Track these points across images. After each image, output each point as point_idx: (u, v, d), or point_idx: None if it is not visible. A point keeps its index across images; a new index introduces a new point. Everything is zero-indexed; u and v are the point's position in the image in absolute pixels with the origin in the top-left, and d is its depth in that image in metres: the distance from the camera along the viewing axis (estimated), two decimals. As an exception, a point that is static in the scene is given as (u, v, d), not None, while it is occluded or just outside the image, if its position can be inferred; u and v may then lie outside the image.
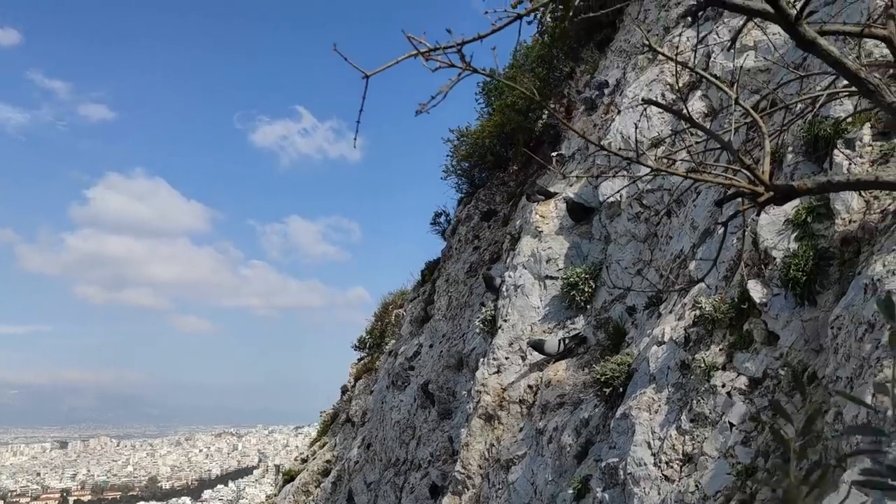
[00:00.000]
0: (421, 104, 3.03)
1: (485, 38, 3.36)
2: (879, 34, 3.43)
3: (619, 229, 9.51)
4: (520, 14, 3.39)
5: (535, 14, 15.85)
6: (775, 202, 3.32)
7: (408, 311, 20.22)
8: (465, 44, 3.13)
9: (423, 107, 3.03)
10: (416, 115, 3.07)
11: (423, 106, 3.02)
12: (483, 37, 3.35)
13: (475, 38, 3.29)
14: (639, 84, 10.17)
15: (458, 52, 2.92)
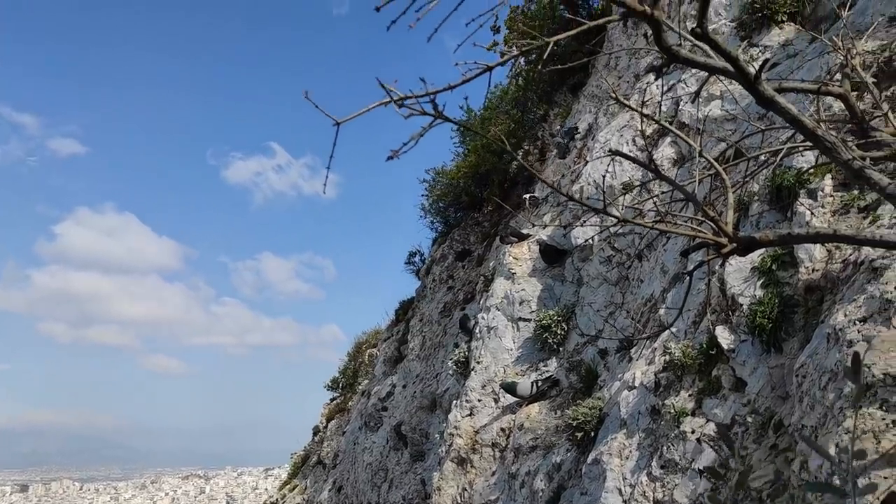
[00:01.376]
0: (392, 151, 3.07)
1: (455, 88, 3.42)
2: (835, 92, 3.55)
3: (591, 272, 9.59)
4: (489, 66, 3.46)
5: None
6: (738, 253, 3.38)
7: (381, 350, 20.09)
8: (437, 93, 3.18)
9: (395, 153, 3.06)
10: (388, 160, 3.10)
11: (394, 152, 3.05)
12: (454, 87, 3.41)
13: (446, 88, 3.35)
14: (610, 129, 10.37)
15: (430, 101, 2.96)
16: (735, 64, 3.11)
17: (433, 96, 2.95)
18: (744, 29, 8.62)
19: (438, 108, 2.96)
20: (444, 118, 2.98)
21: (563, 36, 3.49)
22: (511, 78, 17.37)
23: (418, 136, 2.97)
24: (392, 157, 2.97)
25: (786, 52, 7.79)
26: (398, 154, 2.95)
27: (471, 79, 3.45)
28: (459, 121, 3.34)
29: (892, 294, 3.87)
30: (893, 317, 3.80)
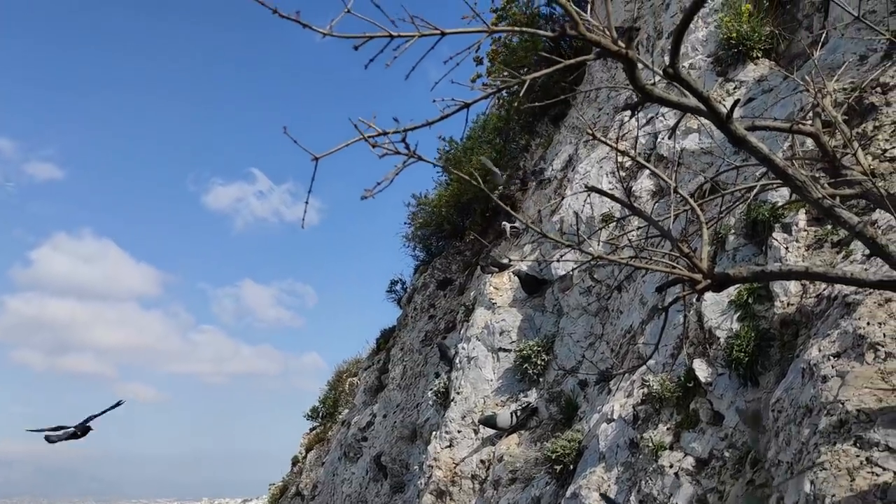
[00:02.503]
0: (367, 190, 3.07)
1: (433, 125, 3.44)
2: (807, 131, 3.61)
3: (571, 303, 9.60)
4: (466, 103, 3.48)
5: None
6: (713, 289, 3.41)
7: (362, 379, 19.93)
8: (413, 129, 3.20)
9: (369, 192, 3.06)
10: (362, 199, 3.10)
11: (368, 191, 3.05)
12: (431, 123, 3.42)
13: (423, 125, 3.36)
14: (590, 161, 10.46)
15: (402, 140, 2.98)
16: (707, 103, 3.16)
17: (404, 135, 2.96)
18: (720, 64, 8.77)
19: (411, 147, 2.97)
20: (417, 157, 3.00)
21: (539, 74, 3.53)
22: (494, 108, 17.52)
23: (393, 175, 2.98)
24: (366, 197, 2.97)
25: (761, 88, 7.93)
26: (373, 193, 2.95)
27: (448, 115, 3.47)
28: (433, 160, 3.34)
29: (864, 330, 3.90)
30: (867, 352, 3.83)
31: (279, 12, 2.90)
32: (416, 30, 3.07)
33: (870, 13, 6.46)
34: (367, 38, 3.01)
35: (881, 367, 3.69)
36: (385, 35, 3.01)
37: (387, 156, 3.08)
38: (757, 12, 8.48)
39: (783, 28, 8.28)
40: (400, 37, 3.04)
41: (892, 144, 4.93)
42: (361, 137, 3.01)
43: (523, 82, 3.52)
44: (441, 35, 3.13)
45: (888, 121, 5.08)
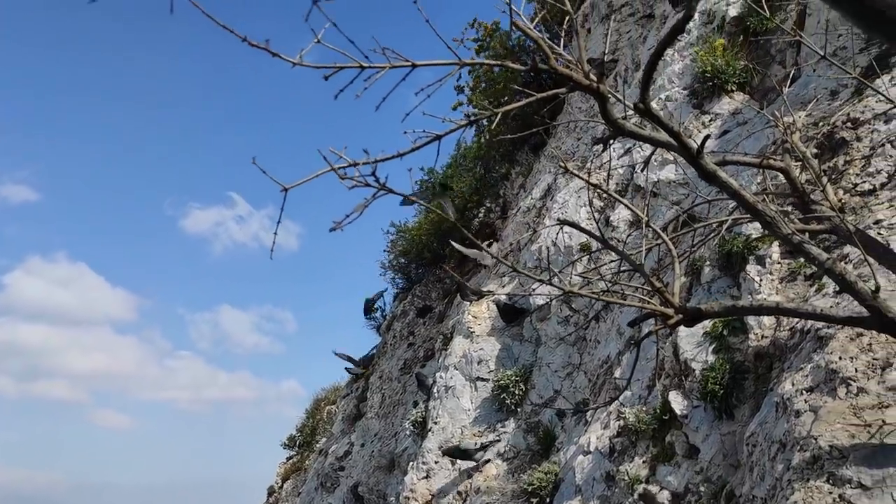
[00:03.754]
0: (335, 221, 3.03)
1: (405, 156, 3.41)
2: (776, 166, 3.63)
3: (549, 332, 9.57)
4: (438, 135, 3.47)
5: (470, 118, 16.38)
6: (685, 324, 3.39)
7: (340, 407, 19.70)
8: (381, 161, 3.17)
9: (338, 224, 3.02)
10: (331, 231, 3.06)
11: (337, 224, 3.01)
12: (402, 154, 3.40)
13: (394, 156, 3.34)
14: (569, 190, 10.51)
15: (372, 172, 2.95)
16: (678, 138, 3.16)
17: (374, 167, 2.93)
18: (696, 97, 8.88)
19: (381, 180, 2.94)
20: (387, 190, 2.97)
21: (511, 107, 3.53)
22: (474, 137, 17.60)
23: (362, 207, 2.95)
24: (335, 229, 2.93)
25: (736, 121, 8.02)
26: (341, 225, 2.92)
27: (419, 147, 3.45)
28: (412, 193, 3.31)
29: (836, 364, 3.90)
30: (839, 387, 3.82)
31: (249, 41, 2.88)
32: (388, 61, 3.06)
33: (840, 49, 6.58)
34: (338, 69, 2.99)
35: (853, 402, 3.67)
36: (356, 66, 2.99)
37: (356, 188, 3.05)
38: (731, 47, 8.61)
39: (757, 62, 8.42)
40: (371, 67, 3.03)
41: (863, 179, 4.99)
42: (331, 169, 2.98)
43: (496, 115, 3.51)
44: (412, 67, 3.12)
45: (858, 155, 5.14)
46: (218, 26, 2.80)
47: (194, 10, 2.61)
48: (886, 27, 1.60)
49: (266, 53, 2.97)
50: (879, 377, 3.67)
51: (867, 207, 4.85)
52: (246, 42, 2.87)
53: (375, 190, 3.04)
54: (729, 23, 8.95)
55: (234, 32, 2.80)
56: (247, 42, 2.87)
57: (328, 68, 2.98)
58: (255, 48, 2.92)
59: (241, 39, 2.83)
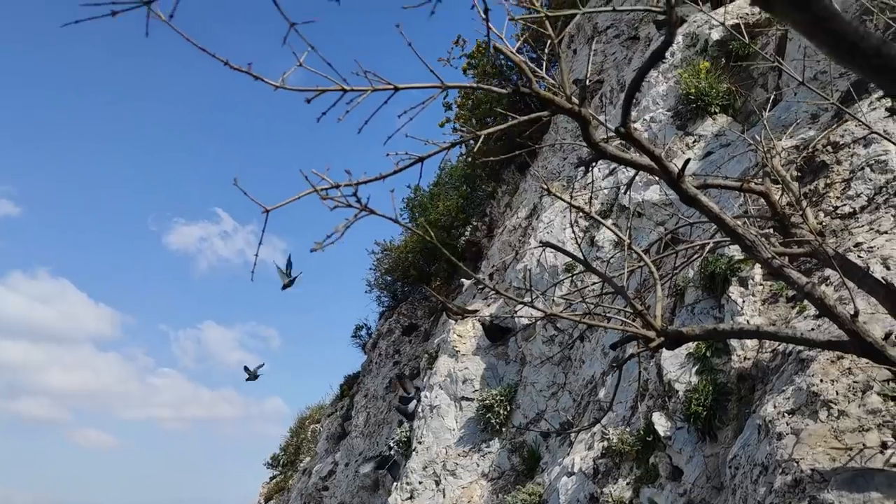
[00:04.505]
0: (316, 242, 3.02)
1: (387, 178, 3.41)
2: (757, 189, 3.66)
3: (534, 352, 9.56)
4: (421, 157, 3.48)
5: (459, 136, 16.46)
6: (666, 347, 3.39)
7: (325, 426, 19.56)
8: (364, 183, 3.17)
9: (319, 245, 3.01)
10: (312, 251, 3.04)
11: (318, 244, 3.00)
12: (385, 176, 3.40)
13: (378, 178, 3.34)
14: (554, 210, 10.54)
15: (353, 193, 2.94)
16: (659, 162, 3.18)
17: (356, 188, 2.93)
18: (680, 118, 8.96)
19: (363, 201, 2.94)
20: (369, 211, 2.96)
21: (493, 130, 3.53)
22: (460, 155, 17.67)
23: (343, 228, 2.94)
24: (316, 250, 2.92)
25: (719, 143, 8.10)
26: (322, 247, 2.91)
27: (402, 169, 3.45)
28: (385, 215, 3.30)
29: (818, 387, 3.91)
30: (820, 410, 3.83)
31: (230, 64, 2.88)
32: (370, 84, 3.07)
33: (821, 73, 6.67)
34: (320, 92, 2.99)
35: (834, 425, 3.68)
36: (338, 89, 3.00)
37: (338, 209, 3.04)
38: (714, 70, 8.72)
39: (740, 85, 8.52)
40: (353, 91, 3.04)
41: (843, 202, 5.04)
42: (313, 190, 2.97)
43: (478, 137, 3.52)
44: (394, 90, 3.13)
45: (839, 179, 5.19)
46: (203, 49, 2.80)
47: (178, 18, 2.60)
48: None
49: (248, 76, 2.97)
50: (860, 400, 3.68)
51: (847, 230, 4.90)
52: (228, 65, 2.86)
53: (357, 211, 3.04)
54: (712, 46, 9.07)
55: (215, 56, 2.79)
56: (228, 65, 2.86)
57: (310, 91, 2.98)
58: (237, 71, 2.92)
59: (223, 63, 2.82)
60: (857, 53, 1.58)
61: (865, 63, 1.59)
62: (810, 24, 1.64)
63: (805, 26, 1.66)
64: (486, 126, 15.73)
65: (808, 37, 1.67)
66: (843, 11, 5.45)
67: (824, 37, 1.62)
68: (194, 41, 2.78)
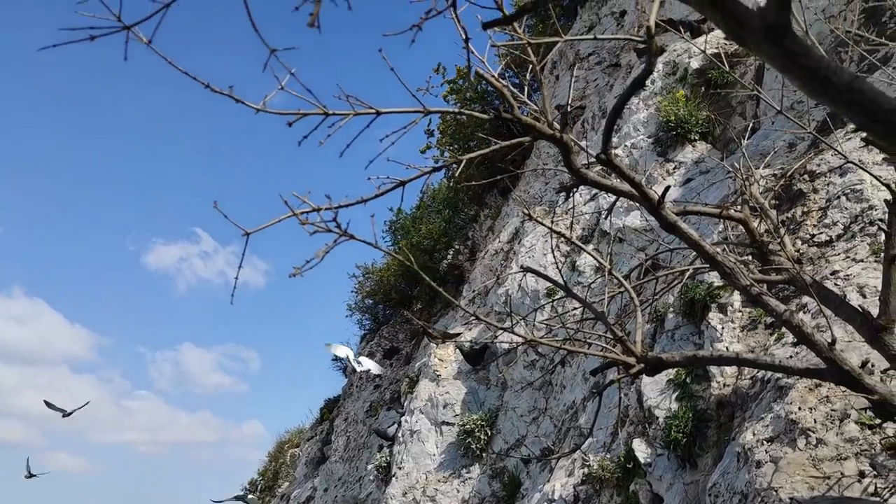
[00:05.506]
0: (295, 268, 3.00)
1: (368, 202, 3.41)
2: (735, 217, 3.69)
3: (515, 376, 9.54)
4: (402, 181, 3.47)
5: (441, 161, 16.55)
6: (646, 373, 3.39)
7: (304, 451, 19.32)
8: (344, 207, 3.16)
9: (298, 270, 2.99)
10: (291, 276, 3.02)
11: (297, 270, 2.98)
12: (366, 200, 3.39)
13: (359, 201, 3.33)
14: (536, 234, 10.58)
15: (333, 218, 2.93)
16: (639, 189, 3.20)
17: (336, 212, 2.92)
18: (660, 145, 9.06)
19: (342, 226, 2.93)
20: (349, 236, 2.95)
21: (475, 155, 3.54)
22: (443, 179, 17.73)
23: (323, 253, 2.92)
24: (295, 275, 2.89)
25: (699, 169, 8.19)
26: (301, 271, 2.88)
27: (383, 193, 3.45)
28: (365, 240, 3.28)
29: (796, 415, 3.92)
30: (798, 438, 3.84)
31: (211, 87, 2.87)
32: (351, 108, 3.07)
33: (797, 102, 6.78)
34: (301, 115, 2.98)
35: (813, 453, 3.69)
36: (319, 112, 3.00)
37: (318, 233, 3.03)
38: (694, 98, 8.84)
39: (719, 113, 8.64)
40: (335, 114, 3.04)
41: (820, 230, 5.10)
42: (292, 214, 2.96)
43: (460, 162, 3.53)
44: (376, 114, 3.13)
45: (815, 207, 5.26)
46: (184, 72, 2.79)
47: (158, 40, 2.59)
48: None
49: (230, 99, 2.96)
50: (838, 429, 3.69)
51: (824, 258, 4.95)
52: (209, 88, 2.85)
53: (337, 236, 3.02)
54: (691, 74, 9.20)
55: (196, 79, 2.78)
56: (210, 88, 2.85)
57: (292, 115, 2.98)
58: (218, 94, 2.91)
59: (204, 86, 2.81)
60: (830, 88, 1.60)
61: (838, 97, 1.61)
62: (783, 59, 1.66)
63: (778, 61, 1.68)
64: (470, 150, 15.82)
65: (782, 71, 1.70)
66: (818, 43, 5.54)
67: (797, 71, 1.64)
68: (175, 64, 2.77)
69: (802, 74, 1.59)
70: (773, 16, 1.62)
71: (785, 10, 1.66)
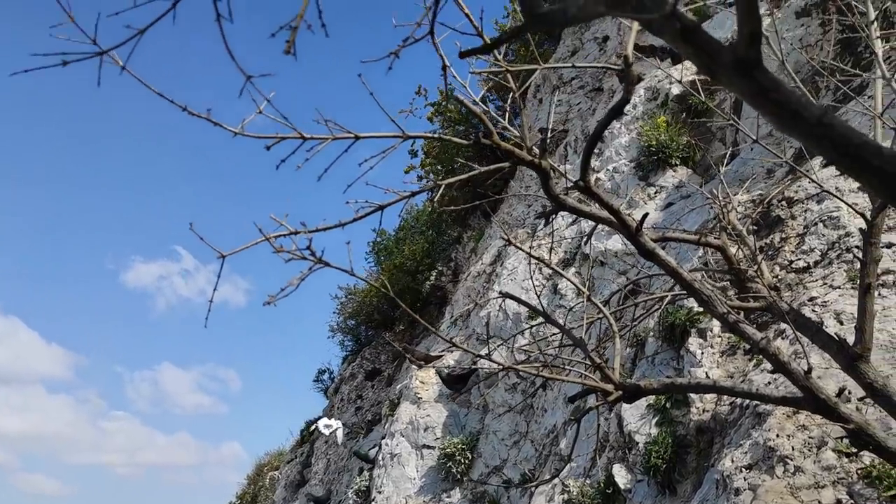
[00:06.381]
0: (270, 296, 2.96)
1: (346, 226, 3.39)
2: (714, 244, 3.71)
3: (496, 399, 9.49)
4: (381, 205, 3.46)
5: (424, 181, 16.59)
6: (624, 400, 3.37)
7: (283, 473, 19.07)
8: (321, 230, 3.13)
9: (272, 298, 2.95)
10: (265, 305, 2.98)
11: (271, 298, 2.94)
12: (344, 224, 3.36)
13: (336, 226, 3.30)
14: (517, 257, 10.59)
15: (307, 247, 2.90)
16: (617, 216, 3.20)
17: (310, 240, 2.89)
18: (641, 169, 9.13)
19: (317, 253, 2.90)
20: (324, 264, 2.92)
21: (454, 179, 3.53)
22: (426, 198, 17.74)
23: (298, 281, 2.88)
24: (269, 303, 2.86)
25: (679, 194, 8.26)
26: (275, 300, 2.85)
27: (362, 217, 3.42)
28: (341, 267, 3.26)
29: (774, 442, 3.92)
30: (776, 465, 3.83)
31: (189, 110, 2.84)
32: (330, 132, 3.06)
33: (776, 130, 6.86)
34: (279, 139, 2.96)
35: (791, 481, 3.68)
36: (297, 137, 2.98)
37: (293, 260, 3.00)
38: (675, 123, 8.93)
39: (699, 138, 8.73)
40: (313, 139, 3.02)
41: (798, 256, 5.14)
42: (265, 239, 2.93)
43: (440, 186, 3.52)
44: (354, 138, 3.12)
45: (793, 233, 5.30)
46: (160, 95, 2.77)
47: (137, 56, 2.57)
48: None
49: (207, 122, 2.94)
50: (815, 456, 3.69)
51: (802, 284, 4.98)
52: (187, 111, 2.83)
53: (312, 263, 3.00)
54: (672, 100, 9.30)
55: (173, 102, 2.76)
56: (187, 111, 2.83)
57: (270, 138, 2.96)
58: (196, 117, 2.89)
59: (182, 109, 2.79)
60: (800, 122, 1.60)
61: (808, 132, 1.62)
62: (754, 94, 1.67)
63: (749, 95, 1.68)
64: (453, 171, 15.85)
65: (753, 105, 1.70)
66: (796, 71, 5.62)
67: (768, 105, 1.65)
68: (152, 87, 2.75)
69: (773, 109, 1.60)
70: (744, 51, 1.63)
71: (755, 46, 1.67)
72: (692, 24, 1.63)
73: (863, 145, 1.69)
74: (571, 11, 1.56)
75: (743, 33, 1.62)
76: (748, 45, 1.66)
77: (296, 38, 2.43)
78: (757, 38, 1.69)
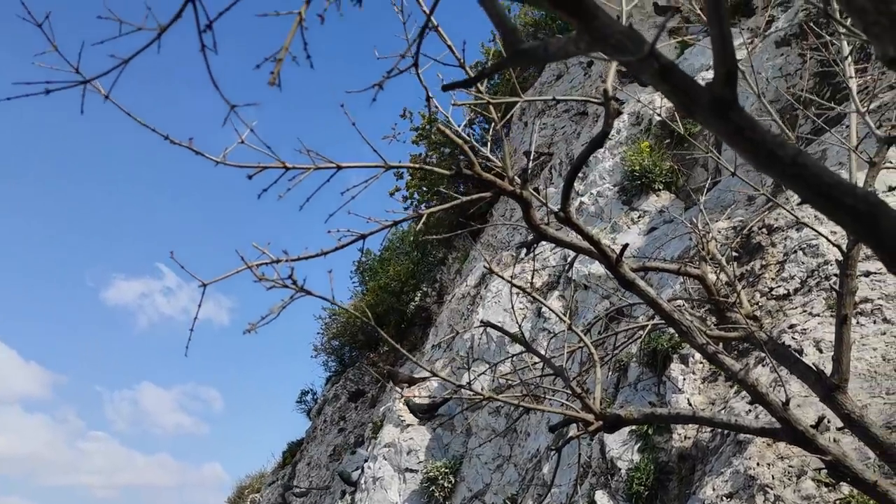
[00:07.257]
0: (250, 324, 2.95)
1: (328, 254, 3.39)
2: (693, 273, 3.74)
3: (480, 423, 9.45)
4: (363, 234, 3.47)
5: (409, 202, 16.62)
6: (605, 430, 3.38)
7: (265, 496, 18.85)
8: (303, 259, 3.13)
9: (253, 326, 2.94)
10: (245, 333, 2.97)
11: (252, 326, 2.93)
12: (326, 253, 3.37)
13: (318, 254, 3.31)
14: (502, 280, 10.60)
15: (290, 275, 2.90)
16: (597, 247, 3.23)
17: (292, 269, 2.89)
18: (625, 193, 9.21)
19: (299, 281, 2.90)
20: (305, 292, 2.92)
21: (436, 209, 3.55)
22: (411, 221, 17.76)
23: (279, 309, 2.88)
24: (249, 331, 2.85)
25: (662, 219, 8.32)
26: (256, 328, 2.85)
27: (344, 246, 3.43)
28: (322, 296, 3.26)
29: (754, 471, 3.93)
30: (757, 494, 3.84)
31: (171, 139, 2.85)
32: (312, 162, 3.07)
33: (756, 157, 6.95)
34: (261, 168, 2.97)
35: (770, 510, 3.69)
36: (280, 166, 2.99)
37: (273, 288, 2.99)
38: (658, 148, 9.02)
39: (682, 164, 8.82)
40: (295, 168, 3.03)
41: (778, 283, 5.18)
42: (246, 267, 2.93)
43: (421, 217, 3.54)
44: (336, 168, 3.13)
45: (773, 261, 5.36)
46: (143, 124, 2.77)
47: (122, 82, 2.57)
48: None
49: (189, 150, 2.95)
50: (795, 485, 3.71)
51: (782, 311, 5.02)
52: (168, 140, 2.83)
53: (293, 292, 2.99)
54: (655, 125, 9.41)
55: (155, 130, 2.76)
56: (169, 140, 2.83)
57: (252, 167, 2.97)
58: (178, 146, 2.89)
59: (164, 137, 2.80)
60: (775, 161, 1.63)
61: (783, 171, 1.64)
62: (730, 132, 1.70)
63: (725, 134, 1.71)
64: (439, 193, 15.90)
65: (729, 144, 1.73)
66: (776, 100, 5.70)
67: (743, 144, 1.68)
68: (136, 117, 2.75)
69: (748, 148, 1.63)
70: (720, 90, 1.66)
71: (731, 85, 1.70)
72: (669, 63, 1.66)
73: (836, 185, 1.72)
74: (552, 49, 1.59)
75: (719, 73, 1.65)
76: (724, 84, 1.69)
77: (280, 70, 2.44)
78: (733, 78, 1.72)
